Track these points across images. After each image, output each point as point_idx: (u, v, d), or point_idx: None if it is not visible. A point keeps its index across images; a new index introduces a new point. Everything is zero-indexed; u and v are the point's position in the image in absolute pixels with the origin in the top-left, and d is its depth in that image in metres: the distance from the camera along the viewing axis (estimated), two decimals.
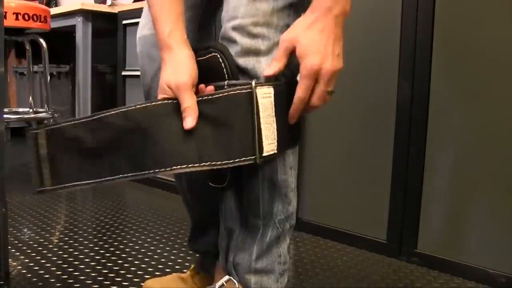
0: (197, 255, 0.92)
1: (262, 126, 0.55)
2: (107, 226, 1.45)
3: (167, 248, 1.27)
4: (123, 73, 2.13)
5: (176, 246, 1.29)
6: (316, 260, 1.20)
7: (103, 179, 0.56)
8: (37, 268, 1.10)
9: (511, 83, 1.04)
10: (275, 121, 0.58)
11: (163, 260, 1.19)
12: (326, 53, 0.56)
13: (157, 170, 0.54)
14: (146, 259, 1.19)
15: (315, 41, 0.56)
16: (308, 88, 0.58)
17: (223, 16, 0.65)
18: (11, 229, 1.36)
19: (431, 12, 1.13)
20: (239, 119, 0.55)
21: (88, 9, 2.20)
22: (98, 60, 2.42)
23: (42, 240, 1.30)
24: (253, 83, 0.56)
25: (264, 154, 0.56)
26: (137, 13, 1.97)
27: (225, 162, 0.55)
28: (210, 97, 0.57)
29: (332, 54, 0.57)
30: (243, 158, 0.55)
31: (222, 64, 0.60)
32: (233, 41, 0.62)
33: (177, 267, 1.15)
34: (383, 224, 1.25)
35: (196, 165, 0.54)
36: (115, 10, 2.20)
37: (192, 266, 0.92)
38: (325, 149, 1.35)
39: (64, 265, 1.13)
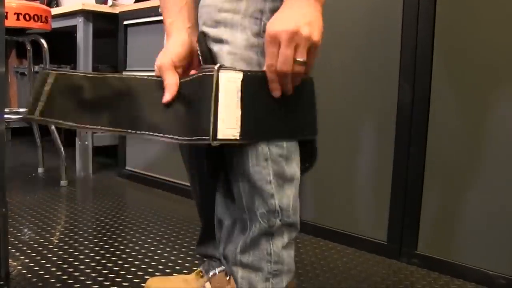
0: (204, 259, 0.92)
1: (220, 109, 0.57)
2: (107, 227, 1.44)
3: (167, 249, 1.27)
4: (124, 73, 2.13)
5: (176, 247, 1.29)
6: (317, 261, 1.20)
7: (84, 125, 0.62)
8: (37, 268, 1.11)
9: None
10: (239, 106, 0.58)
11: (163, 260, 1.19)
12: (287, 19, 0.56)
13: (129, 131, 0.61)
14: (146, 260, 1.19)
15: (280, 15, 0.57)
16: (271, 54, 0.57)
17: (199, 5, 0.66)
18: (11, 229, 1.36)
19: (432, 13, 1.13)
20: (200, 100, 0.58)
21: (89, 9, 2.20)
22: (99, 61, 2.42)
23: (42, 240, 1.30)
24: (216, 67, 0.58)
25: (220, 137, 0.57)
26: (138, 13, 1.98)
27: (181, 138, 0.59)
28: (187, 78, 0.62)
29: (296, 21, 0.55)
30: (197, 137, 0.58)
31: (198, 50, 0.64)
32: (201, 29, 0.64)
33: (177, 267, 1.15)
34: (383, 225, 1.25)
35: (160, 135, 0.60)
36: (116, 10, 2.20)
37: (198, 269, 0.92)
38: (325, 149, 1.35)
39: (64, 266, 1.13)
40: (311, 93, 0.68)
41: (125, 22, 2.09)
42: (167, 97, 0.62)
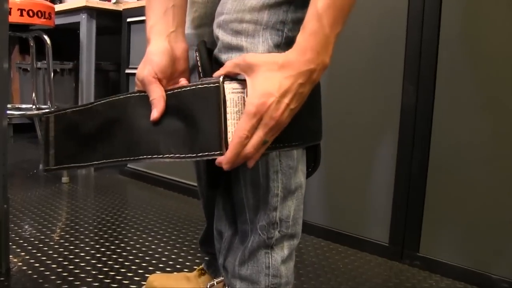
0: (206, 258, 0.92)
1: (228, 122, 0.54)
2: (108, 224, 1.43)
3: (168, 247, 1.27)
4: (127, 71, 2.13)
5: (177, 245, 1.29)
6: (318, 261, 1.20)
7: (95, 162, 0.60)
8: (37, 265, 1.10)
9: None
10: None
11: (164, 259, 1.19)
12: (280, 98, 0.51)
13: (128, 159, 0.58)
14: (147, 258, 1.19)
15: (274, 81, 0.51)
16: (251, 127, 0.51)
17: (216, 12, 0.63)
18: (12, 225, 1.36)
19: (437, 14, 1.13)
20: (204, 112, 0.55)
21: (93, 6, 2.21)
22: (101, 58, 2.43)
23: (43, 237, 1.30)
24: (221, 78, 0.55)
25: None
26: (142, 11, 1.98)
27: (188, 155, 0.55)
28: (178, 90, 0.58)
29: (286, 105, 0.51)
30: (206, 153, 0.55)
31: (198, 62, 0.61)
32: (217, 38, 0.61)
33: (178, 266, 1.14)
34: (385, 227, 1.25)
35: (160, 156, 0.56)
36: (120, 7, 2.20)
37: (200, 266, 0.92)
38: (328, 151, 1.35)
39: (64, 262, 1.13)
40: (318, 96, 0.67)
41: (129, 20, 2.09)
42: (155, 114, 0.57)
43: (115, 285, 1.02)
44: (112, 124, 0.60)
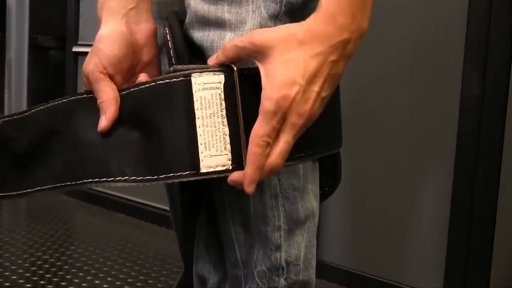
0: None
1: (198, 130, 0.55)
2: (46, 266, 1.42)
3: None
4: (75, 49, 2.12)
5: None
6: None
7: (27, 191, 0.60)
8: None
9: None
10: (227, 123, 0.56)
11: None
12: (308, 86, 0.52)
13: (66, 184, 0.58)
14: None
15: (297, 63, 0.52)
16: (271, 130, 0.53)
17: None
18: None
19: None
20: (168, 118, 0.56)
21: None
22: (38, 30, 2.40)
23: None
24: (193, 67, 0.55)
25: (204, 170, 0.55)
26: None
27: (147, 177, 0.56)
28: (134, 89, 0.59)
29: (316, 93, 0.52)
30: (172, 174, 0.55)
31: (170, 42, 0.60)
32: (187, 6, 0.60)
33: None
34: (437, 270, 1.24)
35: (110, 179, 0.57)
36: None
37: None
38: (352, 164, 1.32)
39: None
40: (335, 92, 0.66)
41: None
42: (103, 123, 0.58)
43: None
44: (51, 138, 0.60)
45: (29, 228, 1.73)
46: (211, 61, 0.56)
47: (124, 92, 0.59)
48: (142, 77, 0.60)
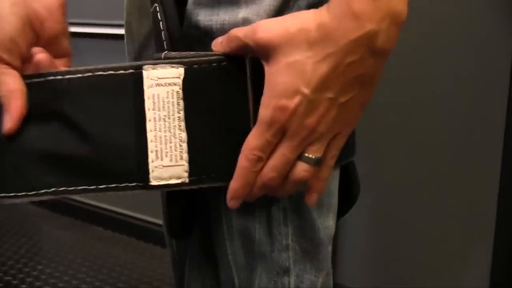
0: None
1: (149, 135, 0.55)
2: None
3: None
4: None
5: None
6: None
7: None
8: None
9: None
10: (184, 128, 0.55)
11: None
12: (315, 94, 0.50)
13: None
14: None
15: (303, 69, 0.51)
16: (264, 143, 0.52)
17: None
18: None
19: None
20: (107, 119, 0.55)
21: None
22: None
23: None
24: (191, 54, 0.55)
25: (153, 183, 0.55)
26: None
27: (82, 187, 0.54)
28: (54, 77, 0.55)
29: (329, 100, 0.51)
30: (113, 185, 0.54)
31: (161, 22, 0.59)
32: None
33: None
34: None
35: (33, 193, 0.55)
36: None
37: None
38: (376, 174, 1.36)
39: None
40: None
41: None
42: (8, 123, 0.54)
43: None
44: None
45: None
46: (216, 45, 0.55)
47: (34, 80, 0.55)
48: (41, 56, 0.56)
